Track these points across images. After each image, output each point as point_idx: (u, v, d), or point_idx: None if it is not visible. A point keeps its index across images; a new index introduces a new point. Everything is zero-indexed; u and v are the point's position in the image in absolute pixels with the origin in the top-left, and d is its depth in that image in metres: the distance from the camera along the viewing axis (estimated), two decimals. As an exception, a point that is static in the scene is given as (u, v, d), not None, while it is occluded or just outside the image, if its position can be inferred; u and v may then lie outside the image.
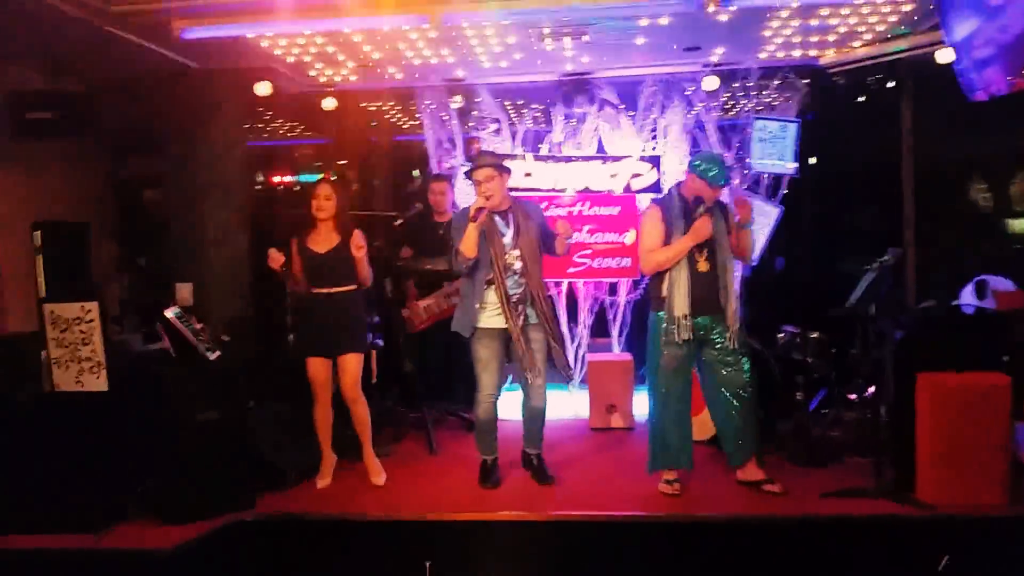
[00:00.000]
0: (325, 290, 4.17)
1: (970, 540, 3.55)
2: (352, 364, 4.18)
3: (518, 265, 4.04)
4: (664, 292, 3.96)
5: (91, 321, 3.73)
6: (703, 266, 3.94)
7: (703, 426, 4.61)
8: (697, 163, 3.99)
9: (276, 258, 4.08)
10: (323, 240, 4.21)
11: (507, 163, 4.19)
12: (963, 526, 3.61)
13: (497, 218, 4.07)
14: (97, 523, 3.62)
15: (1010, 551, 3.49)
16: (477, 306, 4.03)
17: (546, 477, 4.23)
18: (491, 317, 4.05)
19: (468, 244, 3.94)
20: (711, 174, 3.91)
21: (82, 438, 3.70)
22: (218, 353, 3.96)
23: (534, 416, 4.22)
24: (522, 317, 4.04)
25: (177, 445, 3.78)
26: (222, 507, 3.78)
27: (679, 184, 4.14)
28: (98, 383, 3.72)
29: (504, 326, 4.03)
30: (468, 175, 4.14)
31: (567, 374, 4.27)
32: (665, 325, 3.94)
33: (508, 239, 4.06)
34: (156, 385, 3.85)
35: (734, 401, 4.00)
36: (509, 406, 4.44)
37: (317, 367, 4.19)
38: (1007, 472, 3.70)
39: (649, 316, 4.10)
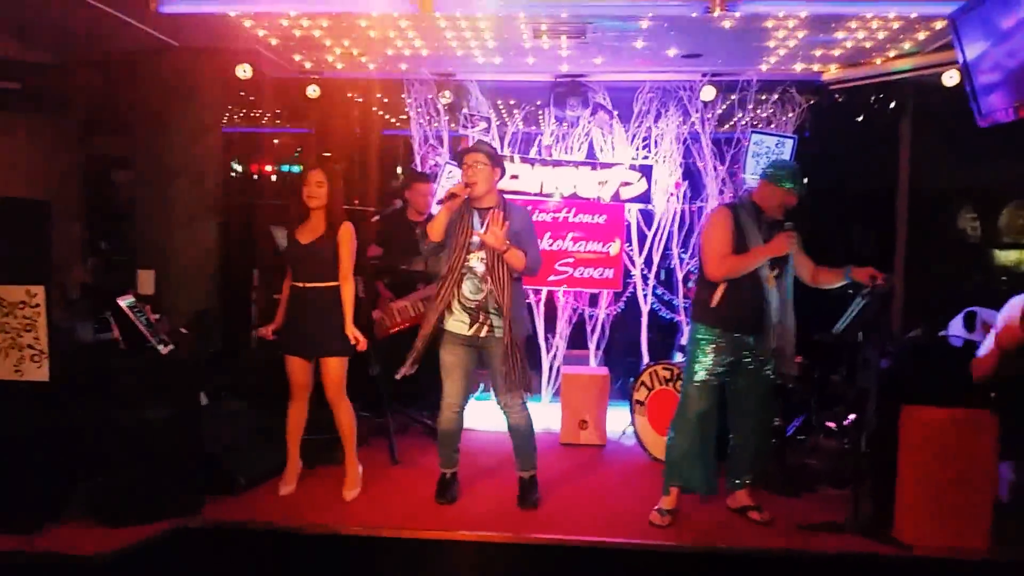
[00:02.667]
0: (304, 284, 3.92)
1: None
2: (335, 368, 3.93)
3: (480, 268, 3.76)
4: (715, 303, 3.72)
5: (36, 306, 3.51)
6: (771, 283, 3.72)
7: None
8: (771, 170, 3.79)
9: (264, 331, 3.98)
10: (309, 230, 3.95)
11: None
12: (941, 569, 3.48)
13: (475, 213, 3.80)
14: (30, 524, 3.41)
15: (990, 598, 3.36)
16: (443, 307, 3.80)
17: (527, 501, 3.97)
18: (458, 321, 3.81)
19: (436, 226, 3.72)
20: (787, 184, 3.71)
21: (18, 432, 3.47)
22: (171, 347, 3.75)
23: (516, 436, 3.97)
24: (486, 327, 3.80)
25: (120, 443, 3.55)
26: (166, 511, 3.57)
27: (749, 191, 3.95)
28: (39, 372, 3.51)
29: (469, 333, 3.80)
30: (459, 155, 3.88)
31: (521, 390, 3.87)
32: (710, 338, 3.74)
33: (477, 239, 3.77)
34: (102, 378, 3.63)
35: (756, 428, 3.87)
36: (478, 416, 4.25)
37: (295, 366, 3.97)
38: (989, 514, 3.56)
39: (686, 328, 3.91)
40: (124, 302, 3.74)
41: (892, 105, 5.55)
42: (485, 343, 3.81)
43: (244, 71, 5.21)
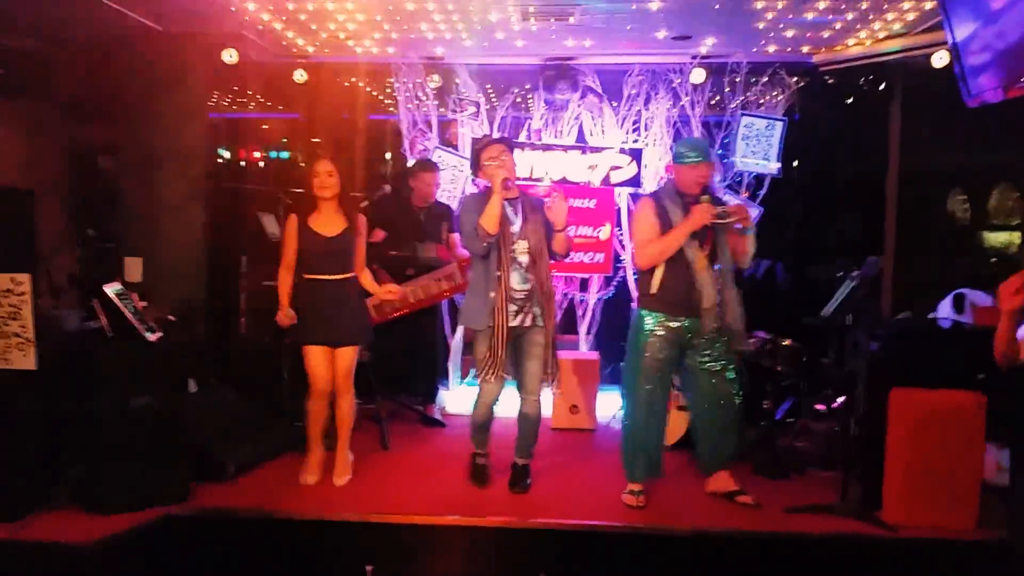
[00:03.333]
0: (330, 277, 3.91)
1: (935, 564, 3.45)
2: (349, 356, 3.96)
3: (525, 259, 3.76)
4: (654, 289, 3.74)
5: (22, 294, 3.47)
6: (700, 263, 3.70)
7: (668, 431, 4.48)
8: (678, 154, 3.80)
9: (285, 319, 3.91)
10: (329, 222, 3.92)
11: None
12: (929, 549, 3.50)
13: (506, 204, 3.77)
14: (15, 512, 3.38)
15: (976, 578, 3.38)
16: (492, 296, 3.74)
17: (518, 483, 3.98)
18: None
19: (491, 219, 3.63)
20: (693, 156, 3.71)
21: (5, 420, 3.44)
22: (158, 334, 3.73)
23: (526, 424, 3.97)
24: (530, 316, 3.80)
25: (107, 430, 3.53)
26: (153, 499, 3.55)
27: (671, 179, 3.95)
28: (25, 361, 3.47)
29: (514, 324, 3.78)
30: (478, 157, 3.86)
31: (553, 381, 3.92)
32: (654, 323, 3.75)
33: (516, 228, 3.77)
34: (88, 366, 3.60)
35: (716, 410, 3.83)
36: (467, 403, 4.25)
37: (318, 357, 3.95)
38: (977, 496, 3.58)
39: (632, 313, 3.91)
40: (111, 290, 3.72)
41: (882, 87, 5.54)
42: (527, 332, 3.81)
43: (230, 56, 5.15)
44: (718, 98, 5.84)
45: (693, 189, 3.75)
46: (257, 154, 7.46)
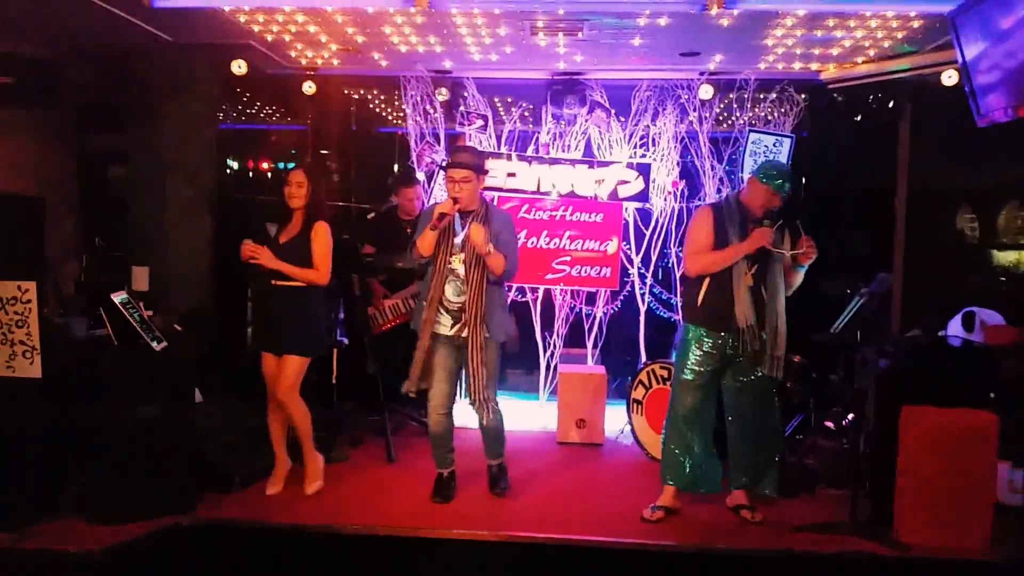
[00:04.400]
0: (282, 283, 3.90)
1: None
2: (290, 366, 3.88)
3: (461, 270, 3.77)
4: (700, 301, 3.73)
5: (28, 302, 3.48)
6: (747, 281, 3.69)
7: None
8: (762, 170, 3.78)
9: (249, 251, 3.82)
10: (290, 230, 3.96)
11: (490, 162, 3.96)
12: (941, 569, 3.46)
13: (456, 215, 3.81)
14: (20, 520, 3.37)
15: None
16: (433, 312, 3.79)
17: (497, 486, 4.02)
18: (441, 323, 3.81)
19: (425, 242, 3.74)
20: (776, 182, 3.70)
21: (10, 428, 3.43)
22: (164, 344, 3.71)
23: (486, 434, 4.02)
24: (466, 328, 3.77)
25: (114, 440, 3.52)
26: (159, 509, 3.54)
27: (738, 191, 3.95)
28: (31, 369, 3.47)
29: (450, 333, 3.80)
30: (444, 168, 3.90)
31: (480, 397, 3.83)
32: (695, 337, 3.73)
33: (459, 240, 3.79)
34: (95, 375, 3.59)
35: (749, 431, 3.81)
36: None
37: (267, 363, 3.96)
38: (989, 515, 3.54)
39: (679, 328, 3.90)
40: (117, 298, 3.70)
41: (891, 105, 5.53)
42: (466, 343, 3.79)
43: (239, 67, 5.17)
44: (726, 114, 5.84)
45: (758, 210, 3.74)
46: (265, 165, 7.47)
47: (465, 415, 4.23)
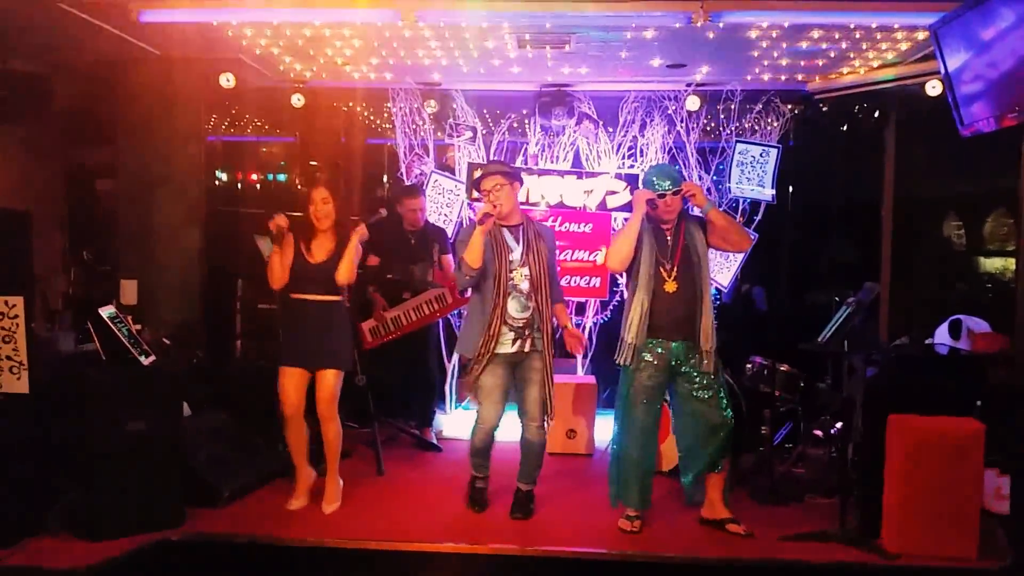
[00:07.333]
0: (314, 297, 3.89)
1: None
2: (330, 380, 3.89)
3: (525, 286, 3.77)
4: (632, 313, 3.73)
5: (15, 317, 3.46)
6: (670, 286, 3.69)
7: (664, 457, 4.45)
8: (646, 177, 3.81)
9: (280, 222, 3.80)
10: (320, 248, 3.92)
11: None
12: (929, 578, 3.47)
13: (506, 232, 3.81)
14: (8, 537, 3.35)
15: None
16: (487, 324, 3.74)
17: (520, 510, 3.95)
18: (503, 341, 3.77)
19: (473, 253, 3.67)
20: (655, 185, 3.70)
21: (-4, 443, 3.41)
22: (152, 358, 3.69)
23: (529, 450, 3.96)
24: (528, 342, 3.79)
25: (101, 455, 3.50)
26: (147, 524, 3.52)
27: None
28: (19, 384, 3.45)
29: (512, 351, 3.78)
30: (476, 186, 3.91)
31: (549, 414, 3.92)
32: (639, 350, 3.72)
33: (516, 255, 3.78)
34: (83, 390, 3.57)
35: (706, 438, 3.76)
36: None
37: (291, 380, 3.90)
38: (976, 523, 3.56)
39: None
40: (105, 312, 3.69)
41: (876, 114, 5.58)
42: (527, 358, 3.80)
43: (227, 80, 5.18)
44: (713, 125, 5.88)
45: (663, 215, 3.76)
46: (255, 177, 7.47)
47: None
